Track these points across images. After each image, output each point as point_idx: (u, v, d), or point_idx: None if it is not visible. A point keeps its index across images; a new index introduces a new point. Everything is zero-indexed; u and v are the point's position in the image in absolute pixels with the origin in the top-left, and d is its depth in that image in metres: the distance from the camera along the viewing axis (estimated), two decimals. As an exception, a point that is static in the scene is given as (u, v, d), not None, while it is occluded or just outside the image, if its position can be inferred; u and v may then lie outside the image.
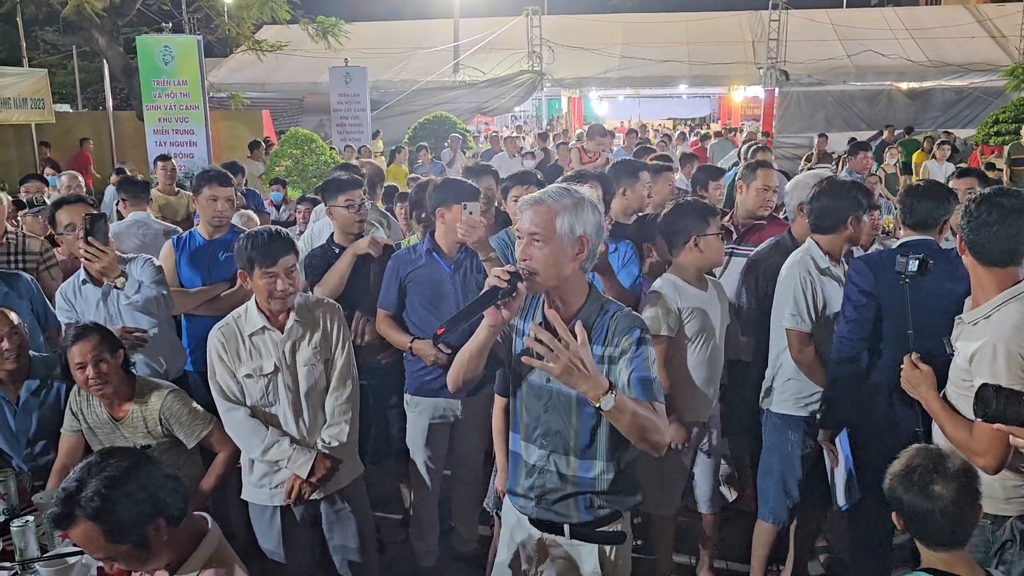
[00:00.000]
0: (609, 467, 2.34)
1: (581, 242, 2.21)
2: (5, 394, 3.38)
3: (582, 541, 2.41)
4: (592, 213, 2.23)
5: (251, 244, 2.96)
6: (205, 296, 4.03)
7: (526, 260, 2.19)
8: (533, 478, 2.41)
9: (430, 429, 3.76)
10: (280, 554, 3.17)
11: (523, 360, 2.16)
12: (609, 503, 2.38)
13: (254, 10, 14.68)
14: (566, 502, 2.38)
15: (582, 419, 2.30)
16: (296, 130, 13.28)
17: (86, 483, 1.89)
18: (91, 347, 3.06)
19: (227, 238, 4.15)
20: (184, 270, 4.13)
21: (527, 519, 2.47)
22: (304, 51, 17.15)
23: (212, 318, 3.91)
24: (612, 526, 2.41)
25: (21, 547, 2.76)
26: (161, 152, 8.83)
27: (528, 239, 2.20)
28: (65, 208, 3.84)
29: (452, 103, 18.56)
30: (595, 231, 2.24)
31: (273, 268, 2.93)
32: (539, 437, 2.38)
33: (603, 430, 2.30)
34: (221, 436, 3.20)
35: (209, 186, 4.11)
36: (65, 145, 15.34)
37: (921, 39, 20.12)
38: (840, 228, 3.41)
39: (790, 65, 19.40)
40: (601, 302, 2.31)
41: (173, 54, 10.86)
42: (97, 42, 13.62)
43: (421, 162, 12.65)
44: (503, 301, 2.15)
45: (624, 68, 20.59)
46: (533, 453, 2.40)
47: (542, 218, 2.18)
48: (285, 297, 2.98)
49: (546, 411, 2.35)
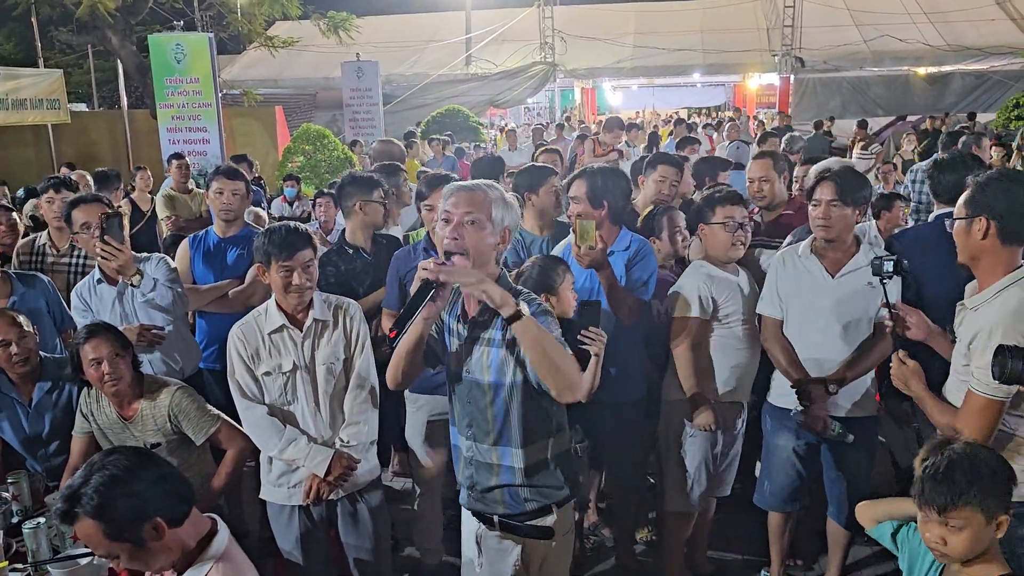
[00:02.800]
0: (529, 456, 2.45)
1: (504, 233, 2.38)
2: (18, 396, 3.39)
3: (510, 533, 2.51)
4: (514, 210, 2.41)
5: (269, 238, 2.97)
6: (216, 293, 4.04)
7: (456, 239, 2.29)
8: (470, 469, 2.55)
9: (429, 426, 3.73)
10: (297, 555, 3.16)
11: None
12: (535, 496, 2.47)
13: (265, 6, 14.71)
14: (493, 493, 2.50)
15: (496, 405, 2.42)
16: (308, 126, 13.30)
17: (88, 481, 1.91)
18: (105, 343, 3.09)
19: (240, 236, 4.17)
20: (198, 268, 4.15)
21: (469, 511, 2.61)
22: (316, 47, 17.17)
23: (227, 316, 3.92)
24: (540, 520, 2.50)
25: (33, 548, 2.77)
26: (175, 150, 8.85)
27: (461, 219, 2.31)
28: (81, 207, 3.85)
29: (465, 96, 18.55)
30: (514, 226, 2.42)
31: (290, 262, 2.93)
32: (465, 428, 2.52)
33: (515, 414, 2.41)
34: (230, 433, 3.20)
35: (216, 179, 4.14)
36: (80, 143, 15.44)
37: (939, 23, 19.83)
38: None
39: (805, 51, 19.23)
40: (511, 288, 2.41)
41: (185, 52, 10.87)
42: (110, 41, 13.68)
43: (432, 155, 12.62)
44: (435, 291, 2.26)
45: (637, 58, 20.49)
46: (464, 444, 2.55)
47: (479, 203, 2.32)
48: (301, 292, 2.97)
49: (468, 402, 2.48)
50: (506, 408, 2.42)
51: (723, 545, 4.07)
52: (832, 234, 3.28)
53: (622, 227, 3.59)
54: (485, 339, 2.42)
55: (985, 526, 2.02)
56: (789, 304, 3.40)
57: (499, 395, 2.41)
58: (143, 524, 1.91)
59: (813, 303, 3.34)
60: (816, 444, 3.47)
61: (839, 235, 3.28)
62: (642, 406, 3.67)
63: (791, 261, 3.42)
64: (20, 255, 4.53)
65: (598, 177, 3.50)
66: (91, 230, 3.70)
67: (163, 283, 3.61)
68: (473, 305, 2.44)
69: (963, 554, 2.04)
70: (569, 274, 3.11)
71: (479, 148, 14.34)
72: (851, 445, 3.35)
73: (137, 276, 3.52)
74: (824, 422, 3.29)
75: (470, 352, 2.44)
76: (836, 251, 3.33)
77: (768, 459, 3.63)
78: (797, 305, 3.38)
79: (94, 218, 3.71)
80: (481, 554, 2.57)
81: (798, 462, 3.52)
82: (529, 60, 20.20)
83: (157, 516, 1.93)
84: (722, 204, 3.50)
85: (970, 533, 2.02)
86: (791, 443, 3.49)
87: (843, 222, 3.26)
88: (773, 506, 3.65)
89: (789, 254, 3.45)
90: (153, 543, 1.94)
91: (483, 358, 2.42)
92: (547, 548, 2.54)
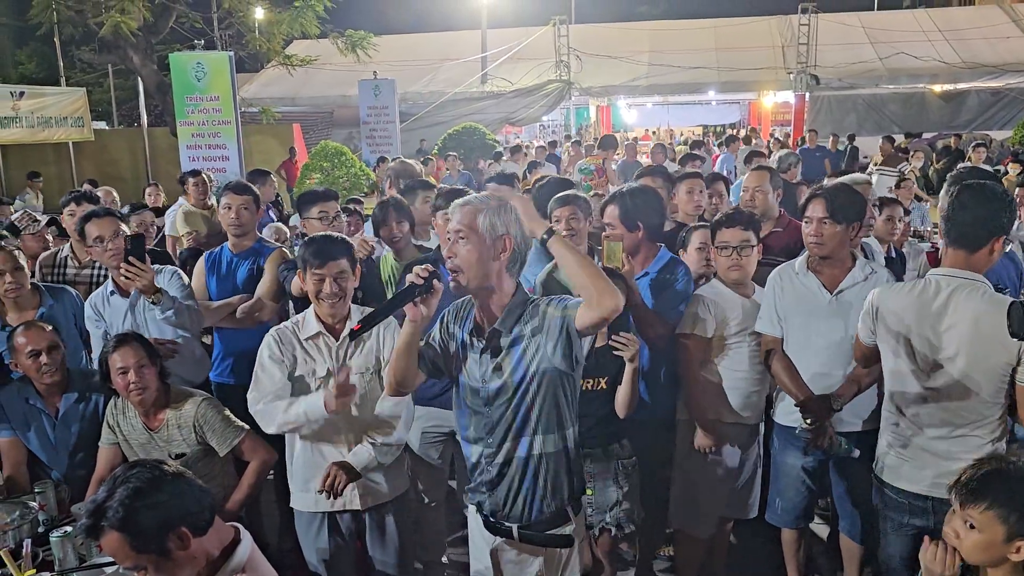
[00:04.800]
0: (547, 447, 2.45)
1: (504, 241, 2.36)
2: (45, 407, 3.45)
3: (530, 544, 2.51)
4: (513, 215, 2.39)
5: (307, 245, 3.05)
6: (227, 309, 4.06)
7: (451, 258, 2.35)
8: (483, 476, 2.54)
9: (422, 437, 3.72)
10: (322, 568, 3.17)
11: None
12: (553, 500, 2.48)
13: (284, 25, 14.87)
14: (508, 500, 2.50)
15: (498, 410, 2.44)
16: (326, 143, 13.42)
17: (113, 494, 1.93)
18: (132, 353, 3.14)
19: (252, 251, 4.19)
20: (212, 284, 4.19)
21: (482, 519, 2.60)
22: (333, 65, 17.33)
23: (240, 331, 3.98)
24: (560, 529, 2.51)
25: (60, 557, 2.82)
26: (195, 167, 8.95)
27: (454, 236, 2.36)
28: (94, 221, 3.91)
29: (480, 114, 18.64)
30: (519, 233, 2.38)
31: (322, 270, 2.98)
32: (482, 434, 2.52)
33: (523, 416, 2.42)
34: (252, 444, 3.24)
35: (225, 194, 4.16)
36: (101, 161, 15.64)
37: (955, 40, 19.83)
38: None
39: (820, 69, 19.24)
40: (526, 300, 2.44)
41: (205, 70, 11.02)
42: (132, 60, 13.89)
43: (448, 171, 12.71)
44: (422, 298, 2.32)
45: (652, 76, 20.56)
46: (474, 451, 2.55)
47: (466, 216, 2.35)
48: (333, 301, 3.01)
49: (476, 410, 2.50)
50: (514, 414, 2.43)
51: (740, 563, 4.05)
52: (825, 251, 3.28)
53: (662, 247, 3.61)
54: (503, 345, 2.42)
55: (1002, 541, 2.02)
56: (788, 322, 3.39)
57: (517, 395, 2.41)
58: (168, 534, 1.94)
59: (813, 320, 3.33)
60: (825, 459, 3.45)
61: (832, 252, 3.29)
62: (669, 424, 3.66)
63: (788, 278, 3.41)
64: (43, 267, 4.58)
65: (627, 198, 3.52)
66: (103, 243, 3.76)
67: (179, 299, 3.66)
68: (487, 316, 2.45)
69: (970, 555, 2.06)
70: None
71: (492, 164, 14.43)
72: (859, 459, 3.33)
73: (158, 295, 3.55)
74: (831, 439, 3.28)
75: (487, 362, 2.45)
76: (832, 267, 3.33)
77: (777, 477, 3.62)
78: (797, 322, 3.37)
79: (107, 232, 3.76)
80: (497, 568, 2.57)
81: (808, 478, 3.51)
82: (544, 78, 20.29)
83: (182, 525, 1.95)
84: (719, 227, 3.51)
85: (983, 539, 2.04)
86: (799, 461, 3.48)
87: (835, 239, 3.26)
88: (786, 523, 3.64)
89: (786, 271, 3.44)
90: (178, 553, 1.96)
91: (503, 363, 2.42)
92: (568, 554, 2.54)
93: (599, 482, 3.33)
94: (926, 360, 2.71)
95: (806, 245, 3.37)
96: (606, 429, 3.31)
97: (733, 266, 3.48)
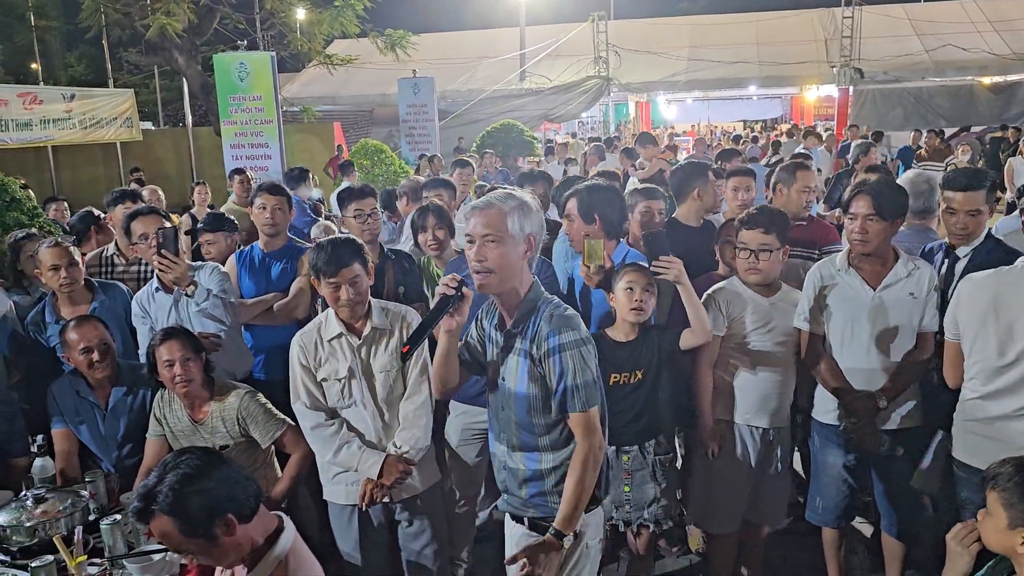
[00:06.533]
0: (554, 461, 2.49)
1: (529, 240, 2.41)
2: (95, 400, 3.55)
3: (539, 534, 2.51)
4: (536, 213, 2.44)
5: (317, 254, 3.05)
6: (261, 306, 4.13)
7: (481, 261, 2.37)
8: (504, 474, 2.63)
9: (462, 434, 3.76)
10: (356, 556, 3.22)
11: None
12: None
13: (325, 25, 15.01)
14: (524, 497, 2.56)
15: (519, 413, 2.49)
16: (366, 141, 13.55)
17: (163, 479, 1.99)
18: (178, 346, 3.23)
19: (284, 249, 4.26)
20: (244, 282, 4.25)
21: (507, 515, 2.68)
22: (373, 64, 17.46)
23: (272, 328, 4.05)
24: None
25: (110, 544, 2.90)
26: (237, 166, 9.10)
27: (481, 241, 2.37)
28: (140, 219, 4.03)
29: (519, 111, 18.65)
30: (539, 229, 2.44)
31: (335, 278, 2.99)
32: (500, 433, 2.61)
33: (539, 423, 2.47)
34: (294, 437, 3.29)
35: (259, 195, 4.24)
36: (147, 161, 15.95)
37: (1004, 31, 19.35)
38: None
39: (865, 62, 18.91)
40: (536, 300, 2.46)
41: (248, 70, 11.17)
42: (177, 61, 14.14)
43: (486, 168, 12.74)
44: (455, 308, 2.37)
45: (692, 71, 20.40)
46: (498, 449, 2.63)
47: (494, 220, 2.36)
48: (351, 306, 3.04)
49: (503, 408, 2.56)
50: (530, 417, 2.48)
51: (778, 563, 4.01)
52: (869, 248, 3.24)
53: (619, 241, 3.59)
54: (517, 348, 2.47)
55: (1006, 527, 2.08)
56: (830, 319, 3.34)
57: (523, 403, 2.47)
58: (215, 519, 1.99)
59: (855, 317, 3.29)
60: (865, 457, 3.41)
61: (876, 249, 3.24)
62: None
63: (829, 275, 3.36)
64: (89, 266, 4.64)
65: (586, 193, 3.52)
66: (147, 240, 3.87)
67: (216, 293, 3.74)
68: (508, 311, 2.49)
69: (985, 538, 2.15)
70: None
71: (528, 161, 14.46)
72: (901, 457, 3.29)
73: (191, 287, 3.67)
74: (876, 438, 3.24)
75: (504, 360, 2.51)
76: (874, 264, 3.29)
77: (818, 476, 3.58)
78: (839, 320, 3.32)
79: (151, 229, 3.90)
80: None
81: (849, 476, 3.47)
82: (583, 74, 20.24)
83: (228, 512, 2.01)
84: (740, 228, 3.47)
85: (992, 523, 2.12)
86: (840, 459, 3.44)
87: (880, 236, 3.22)
88: (827, 522, 3.61)
89: (826, 267, 3.40)
90: (225, 538, 2.01)
91: (515, 367, 2.47)
92: (577, 551, 2.54)
93: (636, 478, 3.33)
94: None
95: (849, 241, 3.33)
96: (642, 424, 3.31)
97: (751, 269, 3.41)
